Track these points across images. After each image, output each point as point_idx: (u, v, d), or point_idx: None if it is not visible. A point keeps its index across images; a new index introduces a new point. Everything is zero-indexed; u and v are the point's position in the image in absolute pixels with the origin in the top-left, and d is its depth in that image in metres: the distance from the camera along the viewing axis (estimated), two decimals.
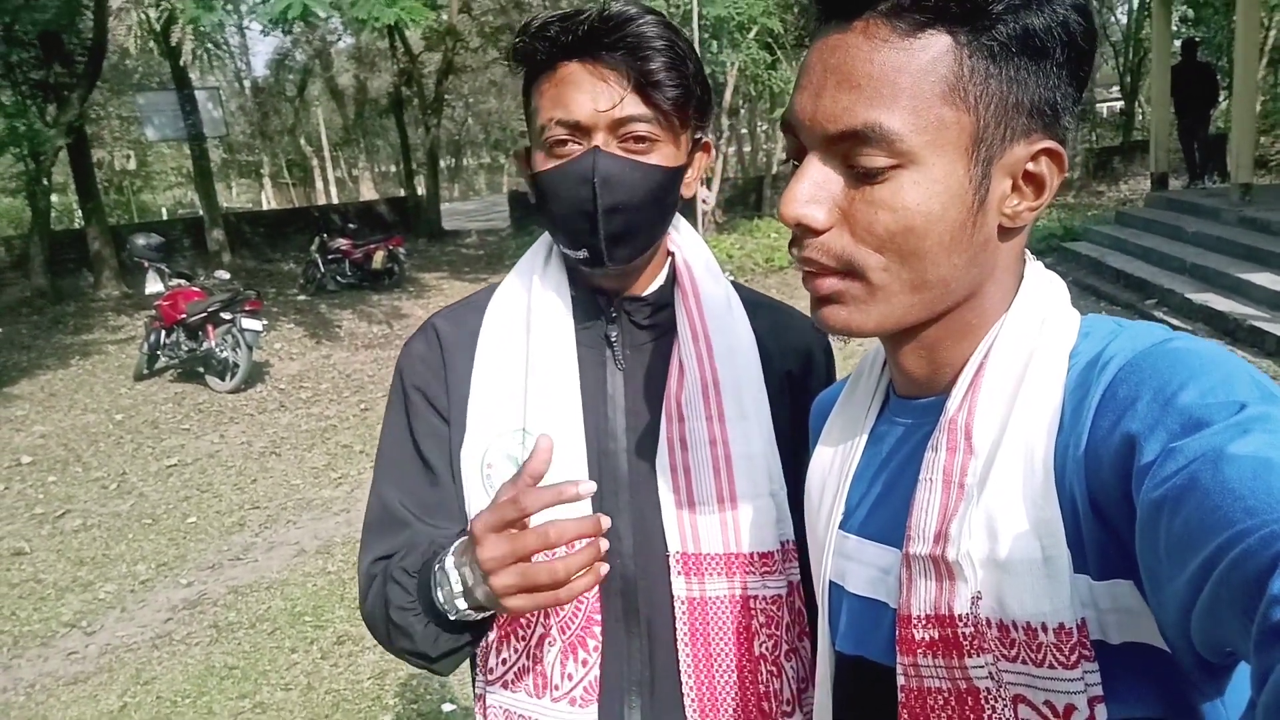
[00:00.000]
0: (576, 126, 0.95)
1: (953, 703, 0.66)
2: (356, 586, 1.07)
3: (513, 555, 0.82)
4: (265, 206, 31.44)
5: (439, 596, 0.91)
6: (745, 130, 24.91)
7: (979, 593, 0.63)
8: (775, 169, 21.05)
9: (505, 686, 1.03)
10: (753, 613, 1.01)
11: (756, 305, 1.12)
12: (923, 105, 0.62)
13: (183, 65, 14.41)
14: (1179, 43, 13.10)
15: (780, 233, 12.35)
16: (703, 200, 12.31)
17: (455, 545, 0.91)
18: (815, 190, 0.65)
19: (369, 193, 33.57)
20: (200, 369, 8.36)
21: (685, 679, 1.01)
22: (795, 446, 1.04)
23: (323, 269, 12.64)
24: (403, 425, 1.08)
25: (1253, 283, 6.96)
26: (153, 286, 9.13)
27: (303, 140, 31.85)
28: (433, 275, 13.92)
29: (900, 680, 0.69)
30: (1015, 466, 0.63)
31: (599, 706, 1.01)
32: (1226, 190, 10.05)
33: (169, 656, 3.80)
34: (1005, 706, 0.63)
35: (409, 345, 1.11)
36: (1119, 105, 26.18)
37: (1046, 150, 0.65)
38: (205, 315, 8.04)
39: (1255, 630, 0.42)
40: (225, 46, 23.24)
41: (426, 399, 1.07)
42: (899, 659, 0.69)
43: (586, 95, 0.95)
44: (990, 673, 0.63)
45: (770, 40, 14.34)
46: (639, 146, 0.97)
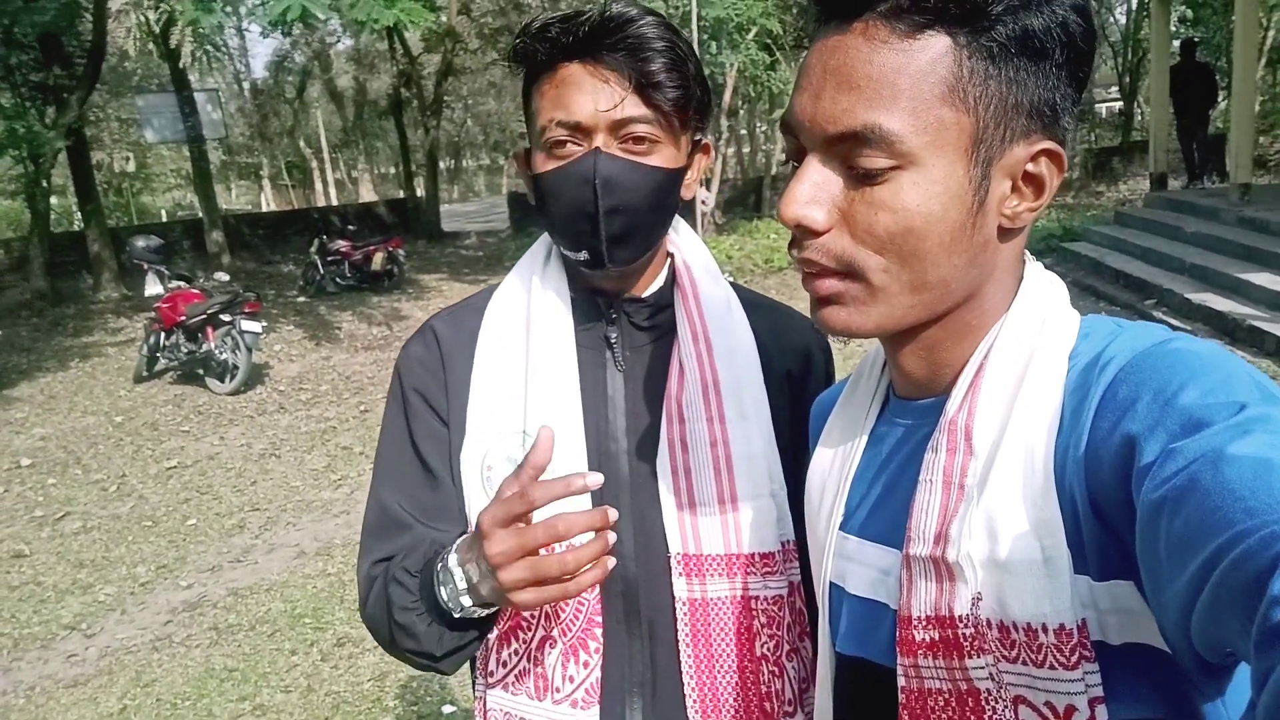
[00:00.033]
0: (577, 127, 0.95)
1: (953, 704, 0.66)
2: (356, 588, 1.06)
3: (521, 549, 0.82)
4: (265, 208, 31.44)
5: (443, 594, 0.91)
6: (744, 131, 24.92)
7: (979, 594, 0.63)
8: (774, 170, 21.07)
9: (506, 689, 1.03)
10: (754, 613, 1.01)
11: (755, 306, 1.13)
12: (922, 106, 0.62)
13: (182, 67, 14.41)
14: (1178, 43, 13.12)
15: (779, 233, 12.35)
16: (702, 201, 12.32)
17: (458, 543, 0.91)
18: (815, 191, 0.66)
19: (368, 194, 33.59)
20: (200, 371, 8.36)
21: (687, 680, 1.01)
22: (795, 446, 1.04)
23: (322, 271, 12.64)
24: (402, 428, 1.07)
25: (1252, 283, 6.96)
26: (152, 289, 9.12)
27: (302, 142, 31.89)
28: (432, 277, 13.91)
29: (901, 681, 0.69)
30: (1015, 467, 0.63)
31: (600, 708, 1.01)
32: (1225, 190, 10.05)
33: (169, 659, 3.80)
34: (1006, 707, 0.63)
35: (407, 347, 1.11)
36: (1118, 105, 26.20)
37: (1046, 151, 0.65)
38: (205, 317, 8.04)
39: (1255, 631, 0.42)
40: (224, 48, 23.29)
41: (425, 401, 1.07)
42: (899, 660, 0.69)
43: (587, 96, 0.95)
44: (991, 674, 0.63)
45: (769, 41, 14.36)
46: (639, 148, 0.97)
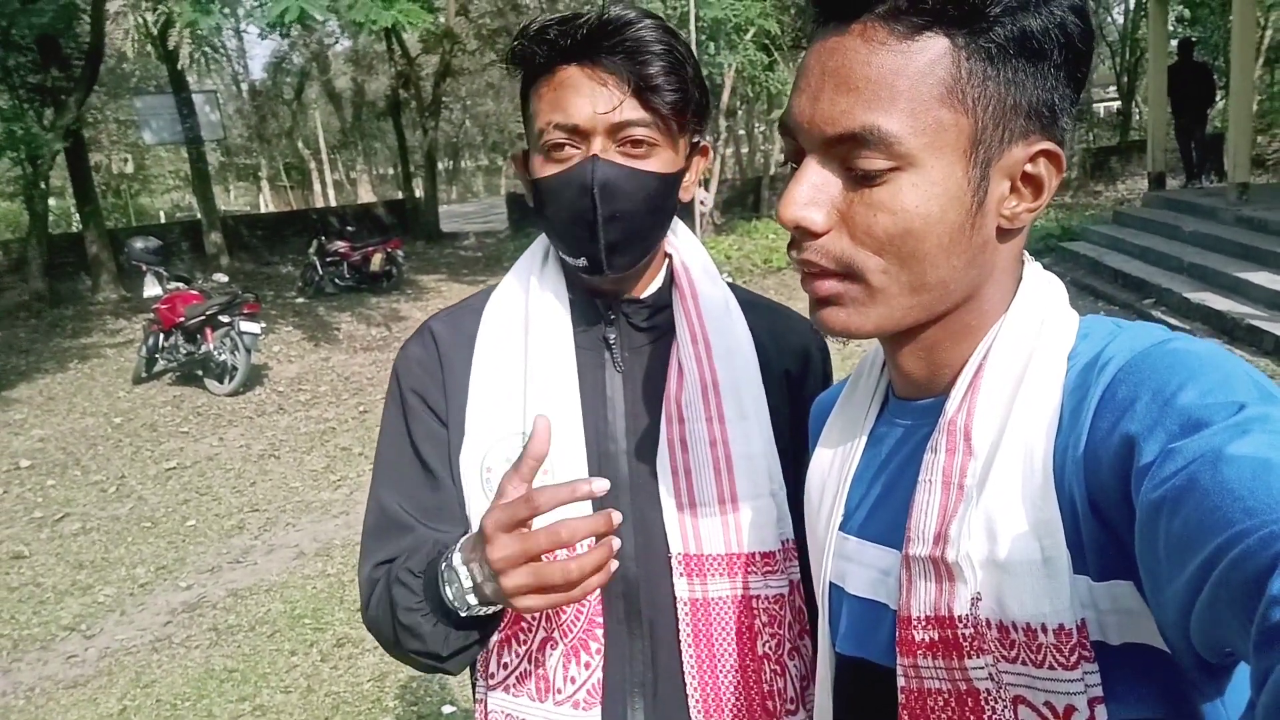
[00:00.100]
0: (575, 130, 0.95)
1: (953, 704, 0.66)
2: (356, 588, 1.06)
3: (524, 555, 0.81)
4: (263, 209, 31.42)
5: (448, 594, 0.90)
6: (743, 131, 24.91)
7: (979, 594, 0.63)
8: (773, 170, 21.05)
9: (507, 691, 1.03)
10: (755, 612, 1.01)
11: (754, 306, 1.13)
12: (921, 108, 0.62)
13: (180, 69, 14.36)
14: (1175, 42, 13.14)
15: (778, 234, 12.35)
16: (700, 202, 12.31)
17: (462, 542, 0.91)
18: (814, 193, 0.66)
19: (367, 195, 33.54)
20: (199, 372, 8.35)
21: (689, 680, 1.01)
22: (794, 447, 1.04)
23: (321, 271, 12.64)
24: (400, 429, 1.07)
25: (1250, 282, 6.97)
26: (151, 290, 9.10)
27: (300, 143, 31.86)
28: (431, 277, 13.91)
29: (900, 681, 0.69)
30: (1014, 467, 0.63)
31: (602, 709, 1.01)
32: (1224, 189, 10.06)
33: (168, 659, 3.80)
34: (1005, 707, 0.63)
35: (406, 349, 1.10)
36: (1116, 105, 26.22)
37: (1044, 151, 0.65)
38: (203, 318, 8.03)
39: (1255, 631, 0.42)
40: (222, 50, 23.23)
41: (424, 402, 1.06)
42: (899, 660, 0.69)
43: (585, 99, 0.95)
44: (990, 674, 0.63)
45: (767, 42, 14.36)
46: (637, 151, 0.96)
